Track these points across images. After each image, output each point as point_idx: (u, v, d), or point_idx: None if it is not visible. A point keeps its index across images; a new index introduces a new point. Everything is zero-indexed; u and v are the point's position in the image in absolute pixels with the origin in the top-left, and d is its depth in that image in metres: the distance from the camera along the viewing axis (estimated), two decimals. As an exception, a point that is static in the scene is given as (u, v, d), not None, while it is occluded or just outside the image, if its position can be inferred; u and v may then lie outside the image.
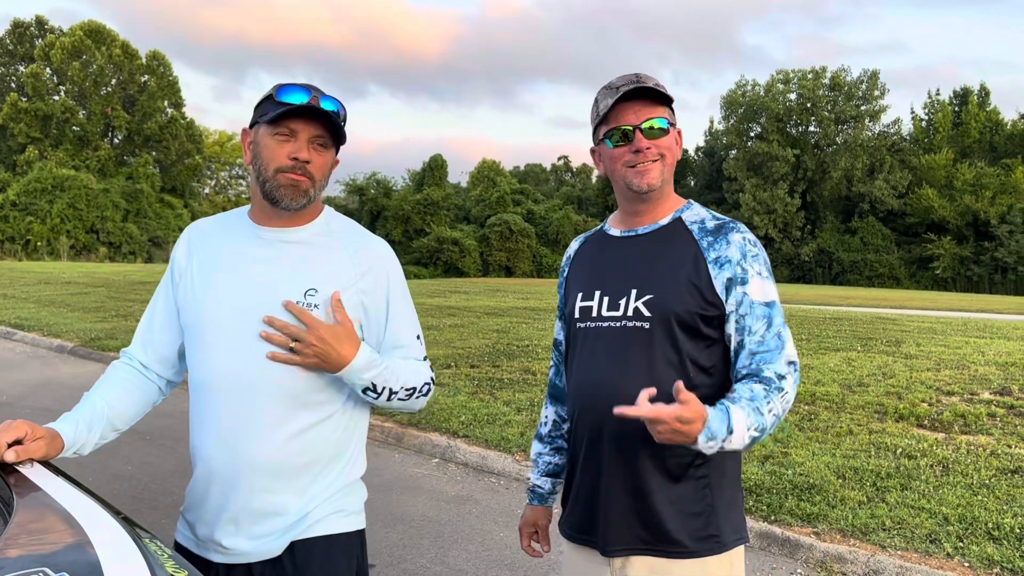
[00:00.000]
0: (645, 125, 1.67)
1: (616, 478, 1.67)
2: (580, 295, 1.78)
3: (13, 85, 48.11)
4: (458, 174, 71.27)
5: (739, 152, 52.96)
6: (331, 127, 1.66)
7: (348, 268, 1.70)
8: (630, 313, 1.67)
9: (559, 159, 75.00)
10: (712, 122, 60.12)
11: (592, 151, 1.82)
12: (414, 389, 1.75)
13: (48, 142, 45.31)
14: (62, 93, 46.35)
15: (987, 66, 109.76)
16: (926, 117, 53.15)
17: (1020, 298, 34.30)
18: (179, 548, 1.77)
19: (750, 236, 1.69)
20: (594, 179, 67.10)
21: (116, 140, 49.19)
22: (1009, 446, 5.81)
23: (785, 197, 49.90)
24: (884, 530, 4.28)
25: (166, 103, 49.85)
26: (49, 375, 9.12)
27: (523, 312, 15.14)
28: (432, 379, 1.82)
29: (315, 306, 1.64)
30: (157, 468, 5.56)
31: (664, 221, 1.75)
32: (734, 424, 1.49)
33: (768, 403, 1.55)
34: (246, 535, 1.66)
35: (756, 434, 1.53)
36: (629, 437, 1.64)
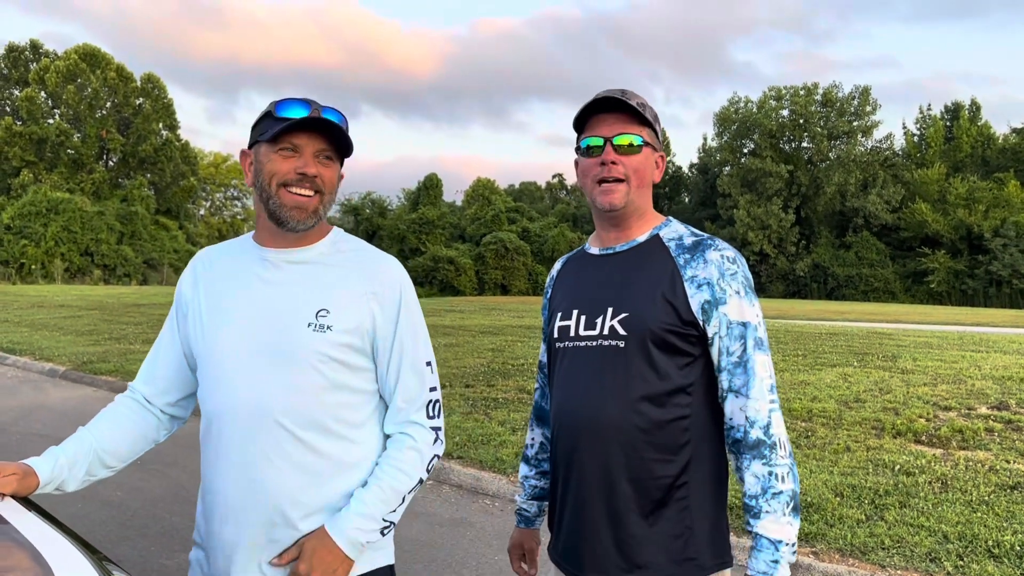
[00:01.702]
0: (617, 140, 1.65)
1: (594, 502, 1.64)
2: (560, 315, 1.76)
3: (8, 109, 48.23)
4: (453, 193, 71.43)
5: (733, 168, 53.22)
6: (335, 139, 1.60)
7: (359, 288, 1.62)
8: (606, 332, 1.64)
9: (553, 177, 75.14)
10: (705, 139, 60.56)
11: (575, 161, 1.80)
12: (417, 485, 1.65)
13: (43, 165, 45.33)
14: (57, 116, 46.46)
15: (977, 81, 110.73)
16: (918, 132, 53.51)
17: (1015, 311, 34.37)
18: None
19: (728, 252, 1.64)
20: (589, 197, 67.18)
21: (111, 163, 49.26)
22: (1008, 461, 5.77)
23: (779, 213, 50.11)
24: (883, 549, 4.23)
25: (161, 125, 50.00)
26: (40, 400, 9.03)
27: (518, 331, 15.10)
28: (434, 445, 1.68)
29: (328, 328, 1.57)
30: (147, 494, 5.49)
31: (641, 238, 1.72)
32: (779, 537, 1.51)
33: (778, 479, 1.54)
34: (264, 570, 1.59)
35: (794, 506, 1.54)
36: (606, 459, 1.62)
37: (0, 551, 1.20)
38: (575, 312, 1.72)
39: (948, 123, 52.65)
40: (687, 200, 59.93)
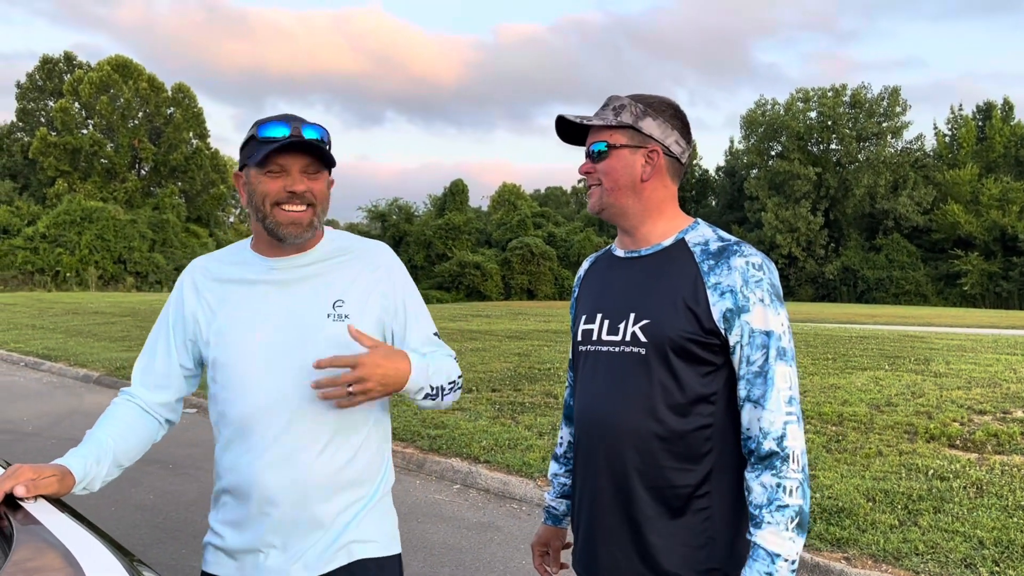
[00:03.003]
0: (589, 150, 1.70)
1: (613, 508, 1.63)
2: (584, 317, 1.75)
3: (43, 120, 49.20)
4: (478, 198, 71.64)
5: (760, 171, 52.76)
6: (318, 155, 1.67)
7: (365, 274, 1.76)
8: (627, 338, 1.63)
9: (579, 181, 75.05)
10: (732, 141, 60.10)
11: None
12: (454, 382, 1.80)
13: (77, 175, 46.16)
14: (90, 127, 47.27)
15: (1008, 79, 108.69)
16: (949, 132, 52.68)
17: (1052, 313, 33.63)
18: None
19: (755, 259, 1.59)
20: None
21: (143, 172, 50.03)
22: (1045, 466, 5.65)
23: (808, 215, 49.55)
24: (917, 555, 4.16)
25: (191, 134, 50.67)
26: (74, 405, 9.19)
27: (545, 335, 15.07)
28: (459, 373, 1.86)
29: (346, 316, 1.69)
30: (179, 498, 5.56)
31: (667, 242, 1.69)
32: (777, 550, 1.48)
33: (786, 492, 1.51)
34: (292, 554, 1.68)
35: (799, 523, 1.50)
36: (625, 466, 1.61)
37: (32, 551, 1.22)
38: (599, 316, 1.71)
39: (980, 123, 51.74)
40: (714, 203, 59.49)
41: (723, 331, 1.57)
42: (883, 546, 4.26)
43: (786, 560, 1.48)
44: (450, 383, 1.77)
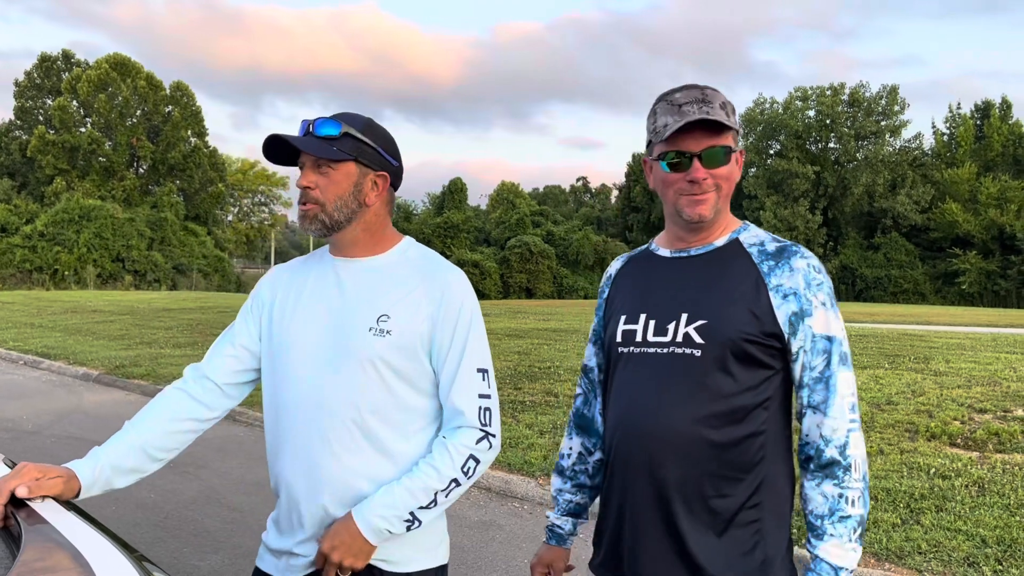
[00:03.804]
0: (705, 154, 1.54)
1: (657, 520, 1.54)
2: (624, 318, 1.65)
3: (41, 118, 49.09)
4: (477, 197, 71.69)
5: (759, 170, 52.76)
6: (315, 151, 1.66)
7: (420, 295, 1.70)
8: (679, 339, 1.54)
9: (577, 180, 75.19)
10: (731, 140, 59.91)
11: (644, 161, 1.70)
12: (448, 487, 1.66)
13: (75, 173, 46.08)
14: (88, 125, 47.18)
15: (1006, 78, 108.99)
16: (947, 131, 52.71)
17: (1050, 312, 33.67)
18: (260, 574, 1.80)
19: (814, 261, 1.55)
20: (613, 199, 67.08)
21: (141, 170, 49.94)
22: (1046, 465, 5.65)
23: (806, 214, 49.58)
24: (920, 553, 4.16)
25: (189, 132, 50.60)
26: (74, 403, 9.18)
27: (544, 333, 15.07)
28: (476, 445, 1.68)
29: (388, 332, 1.66)
30: (180, 496, 5.55)
31: (719, 242, 1.62)
32: (840, 563, 1.45)
33: (849, 502, 1.47)
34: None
35: (860, 533, 1.48)
36: (673, 474, 1.51)
37: (41, 551, 1.21)
38: (643, 316, 1.61)
39: (978, 122, 51.77)
40: (713, 202, 59.50)
41: (786, 335, 1.52)
42: (886, 545, 4.26)
43: (848, 571, 1.46)
44: (443, 489, 1.65)
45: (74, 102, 47.02)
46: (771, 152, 53.13)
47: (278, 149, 1.71)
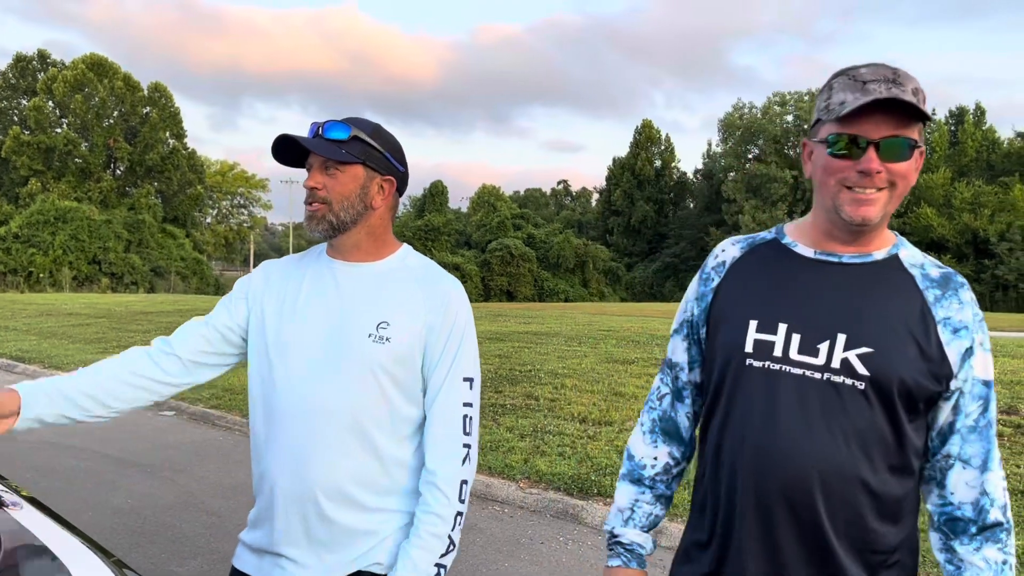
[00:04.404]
0: (885, 143, 1.29)
1: (796, 563, 1.36)
2: (755, 324, 1.40)
3: (15, 118, 48.45)
4: (458, 200, 71.62)
5: (738, 174, 53.26)
6: (325, 152, 1.66)
7: (419, 303, 1.72)
8: (835, 365, 1.32)
9: (558, 183, 75.40)
10: (710, 144, 60.53)
11: (804, 143, 1.46)
12: (456, 515, 1.67)
13: (51, 174, 45.53)
14: (64, 126, 46.65)
15: (980, 84, 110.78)
16: (923, 136, 53.47)
17: (1022, 315, 34.20)
18: (237, 573, 1.78)
19: (972, 294, 1.38)
20: (593, 203, 67.31)
21: (118, 171, 49.45)
22: (1018, 466, 5.75)
23: (785, 218, 50.09)
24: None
25: (168, 134, 50.17)
26: (50, 407, 9.06)
27: (525, 336, 15.09)
28: (463, 466, 1.69)
29: (387, 339, 1.66)
30: (157, 501, 5.50)
31: (877, 255, 1.39)
32: None
33: (1011, 568, 1.35)
34: (315, 555, 1.68)
35: None
36: (820, 515, 1.32)
37: (18, 555, 1.21)
38: (783, 327, 1.37)
39: (952, 127, 52.59)
40: (691, 206, 59.90)
41: (956, 375, 1.33)
42: None
43: None
44: (452, 528, 1.66)
45: (50, 102, 46.47)
46: (750, 156, 53.63)
47: (286, 150, 1.72)
